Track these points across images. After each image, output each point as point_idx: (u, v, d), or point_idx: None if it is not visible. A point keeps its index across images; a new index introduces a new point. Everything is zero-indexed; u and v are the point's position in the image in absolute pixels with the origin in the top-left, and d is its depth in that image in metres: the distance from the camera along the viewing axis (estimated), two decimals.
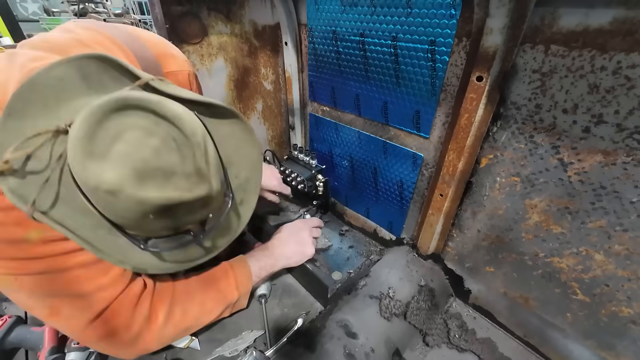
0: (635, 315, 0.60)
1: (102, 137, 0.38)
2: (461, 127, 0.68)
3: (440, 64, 0.69)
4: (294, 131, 1.28)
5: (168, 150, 0.40)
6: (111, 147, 0.38)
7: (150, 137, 0.40)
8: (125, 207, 0.40)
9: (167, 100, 0.42)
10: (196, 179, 0.43)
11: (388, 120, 0.87)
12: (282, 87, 1.25)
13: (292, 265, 0.85)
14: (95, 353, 0.65)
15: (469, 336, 0.81)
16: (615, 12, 0.46)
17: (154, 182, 0.40)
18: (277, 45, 1.14)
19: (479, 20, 0.57)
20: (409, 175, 0.89)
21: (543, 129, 0.59)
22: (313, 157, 1.11)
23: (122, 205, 0.39)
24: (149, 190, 0.39)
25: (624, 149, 0.51)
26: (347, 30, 0.83)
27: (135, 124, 0.40)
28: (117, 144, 0.39)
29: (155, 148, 0.40)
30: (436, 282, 0.90)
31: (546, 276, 0.70)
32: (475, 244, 0.81)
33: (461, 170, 0.73)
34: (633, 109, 0.49)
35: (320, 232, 0.96)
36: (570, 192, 0.60)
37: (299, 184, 1.09)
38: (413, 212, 0.95)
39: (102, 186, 0.38)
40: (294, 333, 0.75)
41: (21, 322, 0.71)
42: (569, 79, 0.53)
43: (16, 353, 0.71)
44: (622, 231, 0.56)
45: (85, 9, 4.11)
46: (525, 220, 0.68)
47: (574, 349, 0.71)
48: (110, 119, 0.39)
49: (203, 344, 0.74)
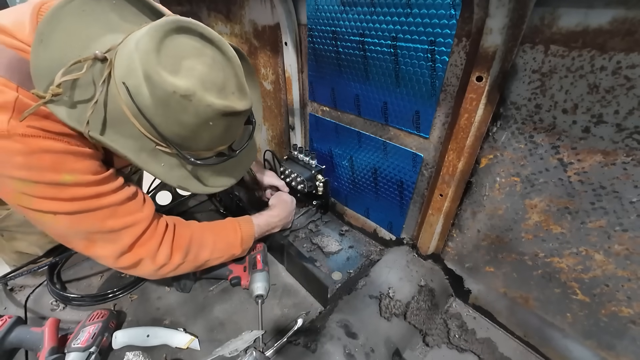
0: (635, 315, 0.60)
1: (167, 53, 0.47)
2: (461, 127, 0.68)
3: (440, 64, 0.69)
4: (294, 131, 1.28)
5: (217, 68, 0.50)
6: (178, 63, 0.47)
7: (203, 57, 0.49)
8: (195, 111, 0.48)
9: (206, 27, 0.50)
10: (239, 94, 0.53)
11: (388, 121, 0.87)
12: (282, 87, 1.25)
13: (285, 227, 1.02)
14: (95, 353, 0.65)
15: (469, 336, 0.81)
16: (614, 12, 0.46)
17: (214, 92, 0.49)
18: (277, 45, 1.14)
19: (479, 20, 0.57)
20: (409, 175, 0.89)
21: (543, 129, 0.59)
22: (313, 157, 1.11)
23: (193, 109, 0.48)
24: (213, 97, 0.49)
25: (624, 149, 0.51)
26: (347, 30, 0.83)
27: (190, 45, 0.49)
28: (184, 61, 0.48)
29: (209, 65, 0.49)
30: (436, 282, 0.90)
31: (546, 276, 0.70)
32: (475, 244, 0.81)
33: (461, 170, 0.73)
34: (633, 109, 0.49)
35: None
36: (570, 192, 0.60)
37: (299, 184, 1.09)
38: (413, 212, 0.95)
39: (179, 91, 0.46)
40: (294, 333, 0.75)
41: (21, 322, 0.71)
42: (569, 79, 0.53)
43: (16, 353, 0.71)
44: (622, 231, 0.56)
45: None
46: (525, 220, 0.68)
47: (574, 349, 0.71)
48: (170, 38, 0.47)
49: (203, 344, 0.74)
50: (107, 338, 0.70)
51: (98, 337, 0.67)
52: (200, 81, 0.48)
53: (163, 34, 0.46)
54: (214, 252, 0.77)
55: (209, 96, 0.48)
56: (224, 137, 0.60)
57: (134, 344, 0.72)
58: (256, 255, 0.90)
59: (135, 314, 0.81)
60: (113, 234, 0.61)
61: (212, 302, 0.85)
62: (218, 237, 0.79)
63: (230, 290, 0.89)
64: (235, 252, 0.82)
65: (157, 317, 0.80)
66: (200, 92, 0.47)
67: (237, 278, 0.86)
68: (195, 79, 0.47)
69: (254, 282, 0.83)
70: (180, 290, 0.86)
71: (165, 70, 0.46)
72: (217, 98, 0.49)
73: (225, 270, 0.88)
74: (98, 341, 0.66)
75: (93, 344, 0.65)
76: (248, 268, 0.87)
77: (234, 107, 0.51)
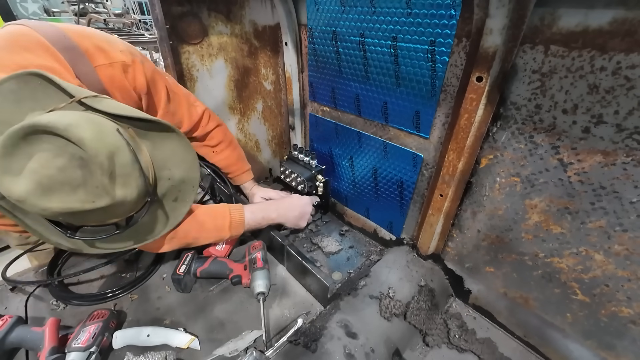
0: (635, 315, 0.60)
1: (18, 157, 0.47)
2: (461, 128, 0.68)
3: (440, 64, 0.69)
4: (294, 131, 1.28)
5: (73, 168, 0.48)
6: (24, 166, 0.47)
7: (58, 158, 0.48)
8: (34, 213, 0.49)
9: (75, 126, 0.47)
10: (101, 191, 0.50)
11: (388, 121, 0.87)
12: (282, 87, 1.25)
13: (283, 225, 0.99)
14: (95, 353, 0.65)
15: (469, 336, 0.81)
16: (614, 12, 0.46)
17: (59, 195, 0.48)
18: (277, 45, 1.14)
19: (479, 20, 0.57)
20: (409, 176, 0.89)
21: (543, 129, 0.59)
22: (313, 158, 1.11)
23: (30, 211, 0.48)
24: (52, 201, 0.47)
25: (624, 149, 0.51)
26: (347, 30, 0.83)
27: (45, 147, 0.47)
28: (29, 163, 0.47)
29: (60, 167, 0.47)
30: (436, 282, 0.90)
31: (546, 276, 0.70)
32: (475, 244, 0.81)
33: (461, 171, 0.73)
34: (633, 109, 0.49)
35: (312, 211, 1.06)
36: (570, 193, 0.60)
37: (299, 184, 1.09)
38: (413, 212, 0.95)
39: (11, 197, 0.47)
40: (294, 333, 0.75)
41: (21, 322, 0.71)
42: (569, 79, 0.53)
43: (17, 353, 0.71)
44: (621, 231, 0.56)
45: (86, 9, 4.12)
46: (525, 220, 0.68)
47: (574, 349, 0.71)
48: (25, 141, 0.46)
49: (203, 344, 0.74)
50: (108, 338, 0.70)
51: (98, 337, 0.67)
52: (39, 185, 0.47)
53: (16, 139, 0.46)
54: (201, 232, 0.82)
55: (46, 200, 0.47)
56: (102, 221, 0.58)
57: (134, 343, 0.72)
58: (256, 253, 0.90)
59: (136, 314, 0.81)
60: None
61: (212, 302, 0.85)
62: (208, 219, 0.83)
63: (231, 290, 0.89)
64: (224, 235, 0.85)
65: (157, 317, 0.80)
66: (35, 196, 0.47)
67: (237, 277, 0.86)
68: (35, 182, 0.46)
69: (254, 280, 0.83)
70: (180, 291, 0.86)
71: (9, 174, 0.46)
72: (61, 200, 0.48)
73: (226, 269, 0.88)
74: (98, 341, 0.66)
75: (93, 343, 0.65)
76: (248, 266, 0.87)
77: (80, 208, 0.49)
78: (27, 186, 0.46)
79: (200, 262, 0.88)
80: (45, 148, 0.47)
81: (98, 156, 0.49)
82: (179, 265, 0.86)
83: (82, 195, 0.49)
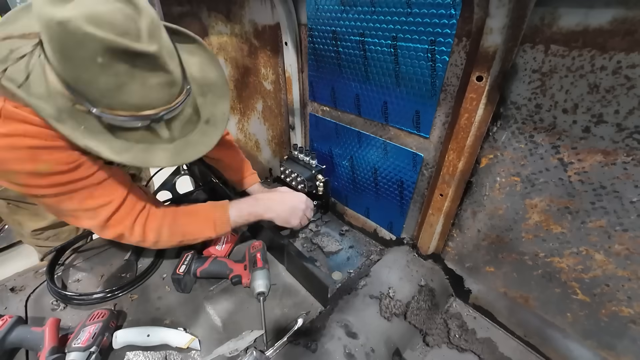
0: (635, 315, 0.60)
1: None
2: (461, 127, 0.68)
3: (440, 64, 0.69)
4: (294, 131, 1.28)
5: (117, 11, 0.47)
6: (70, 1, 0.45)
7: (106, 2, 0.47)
8: (75, 43, 0.45)
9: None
10: (147, 38, 0.48)
11: (388, 120, 0.87)
12: (282, 87, 1.25)
13: (274, 222, 0.91)
14: (95, 353, 0.65)
15: (469, 336, 0.81)
16: (614, 11, 0.46)
17: (102, 27, 0.45)
18: (277, 45, 1.14)
19: (479, 20, 0.57)
20: (409, 175, 0.89)
21: (543, 128, 0.59)
22: (313, 157, 1.11)
23: (73, 39, 0.45)
24: (98, 29, 0.45)
25: (624, 148, 0.51)
26: (347, 30, 0.83)
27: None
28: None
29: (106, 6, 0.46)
30: (436, 282, 0.90)
31: (546, 276, 0.70)
32: (475, 244, 0.81)
33: (461, 170, 0.73)
34: (633, 108, 0.49)
35: (311, 215, 1.01)
36: (570, 192, 0.60)
37: (299, 184, 1.09)
38: (413, 212, 0.95)
39: (54, 19, 0.43)
40: (294, 333, 0.75)
41: (21, 322, 0.71)
42: (569, 78, 0.53)
43: (17, 353, 0.71)
44: (622, 231, 0.56)
45: None
46: (525, 220, 0.68)
47: (574, 349, 0.71)
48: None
49: (203, 344, 0.74)
50: (108, 338, 0.70)
51: (98, 337, 0.67)
52: (84, 14, 0.44)
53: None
54: (186, 235, 0.81)
55: (90, 27, 0.44)
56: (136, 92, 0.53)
57: (135, 343, 0.72)
58: (256, 253, 0.90)
59: (136, 314, 0.81)
60: (91, 211, 0.68)
61: (212, 301, 0.85)
62: (191, 220, 0.82)
63: (231, 290, 0.89)
64: (209, 234, 0.83)
65: (157, 317, 0.80)
66: (79, 20, 0.44)
67: (237, 276, 0.86)
68: (80, 11, 0.44)
69: (254, 279, 0.83)
70: (180, 291, 0.86)
71: (54, 5, 0.44)
72: (104, 32, 0.45)
73: (226, 269, 0.88)
74: (98, 341, 0.66)
75: (93, 343, 0.65)
76: (248, 266, 0.87)
77: (122, 43, 0.46)
78: (74, 11, 0.44)
79: (200, 262, 0.88)
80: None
81: (146, 10, 0.50)
82: (179, 265, 0.86)
83: (127, 36, 0.47)
